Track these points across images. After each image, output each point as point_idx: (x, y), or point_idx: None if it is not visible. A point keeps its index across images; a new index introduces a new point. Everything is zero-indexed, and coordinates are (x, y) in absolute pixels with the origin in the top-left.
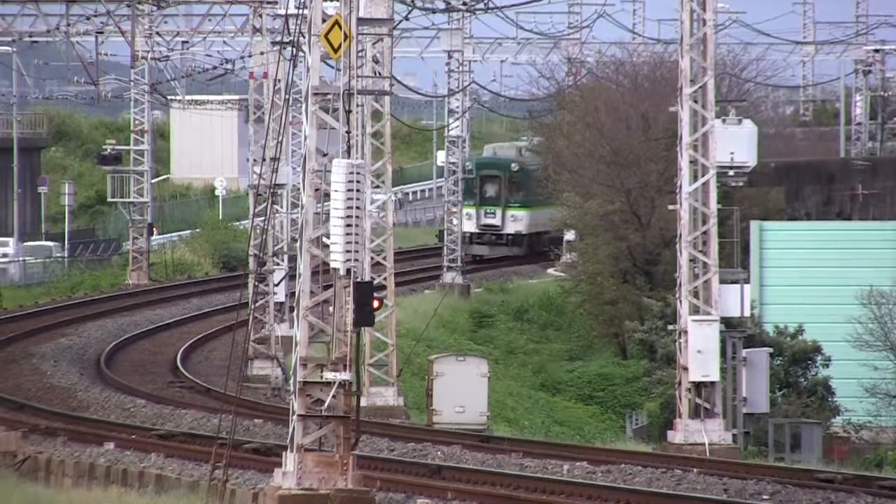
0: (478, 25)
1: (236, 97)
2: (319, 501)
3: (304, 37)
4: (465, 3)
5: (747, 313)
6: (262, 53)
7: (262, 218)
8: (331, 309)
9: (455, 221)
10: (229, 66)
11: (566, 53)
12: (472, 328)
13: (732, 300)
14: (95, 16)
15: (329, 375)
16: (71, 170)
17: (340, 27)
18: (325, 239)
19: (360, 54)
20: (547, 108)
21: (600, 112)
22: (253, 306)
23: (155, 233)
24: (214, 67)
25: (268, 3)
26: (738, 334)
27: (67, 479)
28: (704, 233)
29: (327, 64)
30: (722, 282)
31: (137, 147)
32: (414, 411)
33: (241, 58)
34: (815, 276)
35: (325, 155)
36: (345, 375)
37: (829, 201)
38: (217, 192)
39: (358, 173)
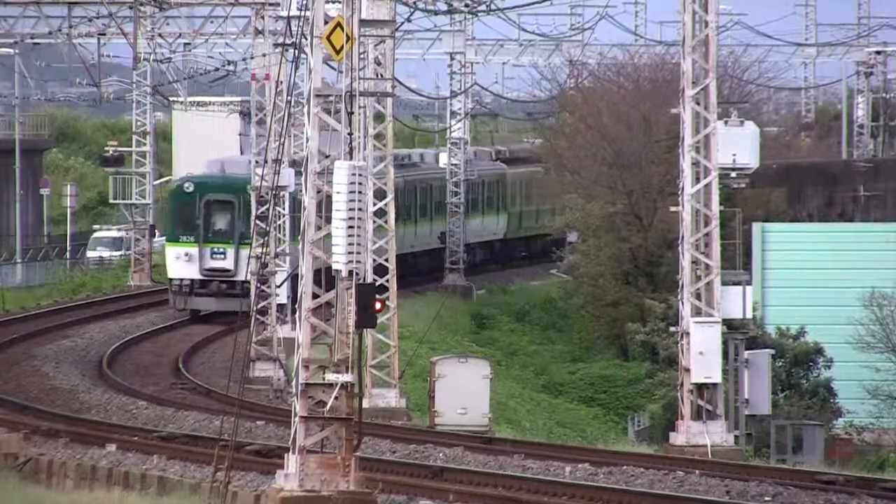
0: (480, 27)
1: (238, 99)
2: (321, 503)
3: (305, 38)
4: (466, 5)
5: (749, 315)
6: (263, 55)
7: (265, 220)
8: (333, 311)
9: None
10: (231, 67)
11: (568, 55)
12: (473, 330)
13: (734, 302)
14: (97, 17)
15: (331, 377)
16: (73, 171)
17: (342, 29)
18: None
19: (361, 56)
20: (547, 111)
21: (602, 114)
22: (255, 308)
23: (157, 234)
24: (216, 69)
25: (270, 4)
26: (740, 336)
27: (69, 481)
28: (706, 234)
29: (329, 66)
30: (724, 283)
31: (139, 149)
32: (416, 413)
33: (243, 59)
34: (816, 277)
35: (327, 157)
36: (347, 377)
37: (830, 203)
38: None
39: (360, 175)
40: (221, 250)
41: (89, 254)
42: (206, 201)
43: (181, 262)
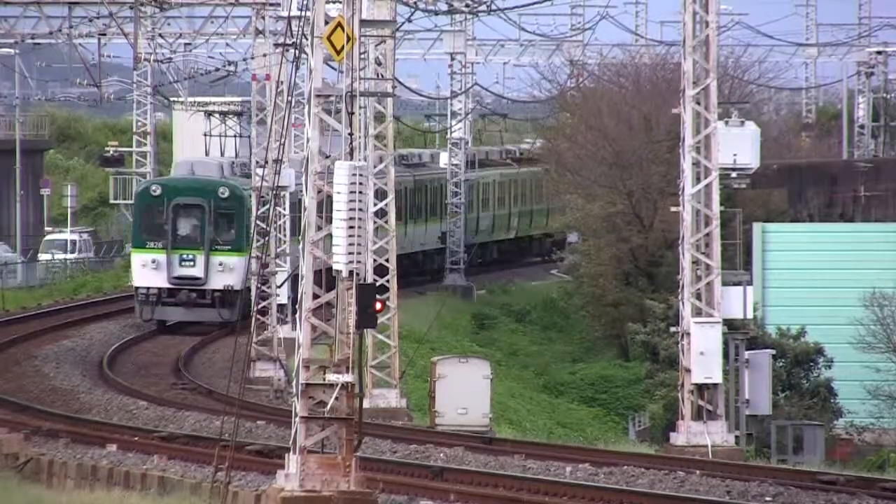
0: (480, 27)
1: (239, 99)
2: (322, 503)
3: (306, 39)
4: (467, 5)
5: (750, 315)
6: (264, 55)
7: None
8: (333, 311)
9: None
10: (232, 68)
11: (568, 55)
12: (474, 330)
13: (735, 302)
14: (98, 18)
15: (332, 377)
16: (73, 172)
17: (343, 29)
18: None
19: (362, 56)
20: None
21: (602, 114)
22: (255, 308)
23: None
24: (217, 69)
25: (270, 4)
26: (741, 336)
27: (70, 481)
28: (707, 235)
29: (330, 66)
30: (724, 284)
31: (140, 149)
32: (416, 413)
33: (244, 60)
34: (817, 277)
35: (327, 157)
36: (347, 377)
37: (831, 203)
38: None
39: (360, 175)
40: (190, 257)
41: (41, 256)
42: (174, 205)
43: (147, 270)
